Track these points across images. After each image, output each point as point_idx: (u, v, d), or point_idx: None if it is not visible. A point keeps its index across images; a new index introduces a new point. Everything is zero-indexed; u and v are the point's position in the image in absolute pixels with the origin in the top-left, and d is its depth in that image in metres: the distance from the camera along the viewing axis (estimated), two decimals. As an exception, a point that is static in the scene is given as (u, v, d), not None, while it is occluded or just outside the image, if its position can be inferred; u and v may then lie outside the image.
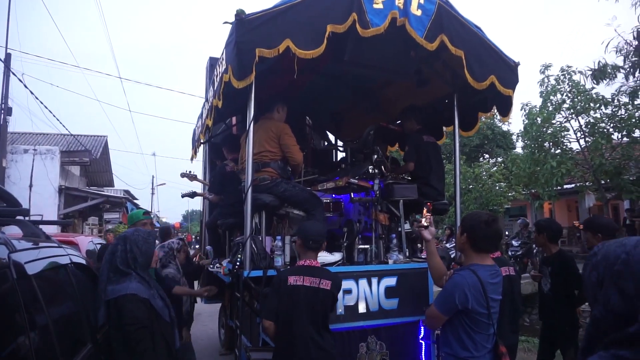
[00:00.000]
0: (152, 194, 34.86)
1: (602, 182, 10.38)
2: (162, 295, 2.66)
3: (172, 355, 2.56)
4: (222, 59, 3.52)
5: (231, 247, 4.21)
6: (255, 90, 3.48)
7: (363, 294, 3.61)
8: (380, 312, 3.64)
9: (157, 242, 4.31)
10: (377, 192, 3.85)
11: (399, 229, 4.16)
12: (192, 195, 5.49)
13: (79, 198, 13.84)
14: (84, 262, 2.76)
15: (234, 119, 6.01)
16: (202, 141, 5.70)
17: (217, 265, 4.71)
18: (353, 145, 4.77)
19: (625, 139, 10.03)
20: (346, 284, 3.40)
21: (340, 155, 6.44)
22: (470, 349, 2.36)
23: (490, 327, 2.40)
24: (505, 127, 20.58)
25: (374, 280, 3.67)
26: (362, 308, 3.59)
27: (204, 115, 4.57)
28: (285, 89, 4.62)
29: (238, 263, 3.42)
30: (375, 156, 3.98)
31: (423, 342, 3.89)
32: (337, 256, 3.72)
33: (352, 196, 3.87)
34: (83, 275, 2.59)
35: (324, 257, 3.62)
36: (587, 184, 11.08)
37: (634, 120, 9.47)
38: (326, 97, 5.79)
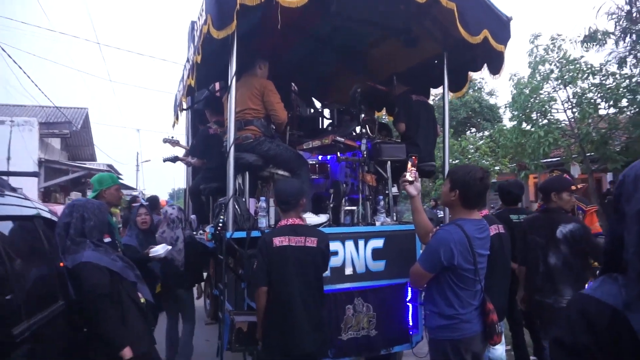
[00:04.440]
0: (137, 170, 34.32)
1: (588, 153, 10.42)
2: (122, 256, 2.62)
3: (144, 313, 2.49)
4: (202, 10, 3.32)
5: (214, 209, 4.08)
6: (238, 50, 3.32)
7: (350, 255, 3.54)
8: (367, 274, 3.59)
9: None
10: (365, 153, 3.74)
11: (387, 191, 4.08)
12: (174, 159, 5.32)
13: (59, 171, 13.50)
14: (54, 219, 2.62)
15: (217, 85, 5.81)
16: (184, 107, 5.51)
17: (201, 232, 4.60)
18: (340, 106, 4.61)
19: (612, 109, 10.03)
20: (333, 245, 3.31)
21: (327, 122, 6.30)
22: (456, 305, 2.29)
23: (476, 283, 2.33)
24: (492, 101, 20.54)
25: (361, 242, 3.59)
26: (348, 270, 3.52)
27: (185, 77, 4.37)
28: (270, 53, 4.42)
29: (220, 224, 3.31)
30: (363, 115, 3.85)
31: (410, 305, 3.86)
32: (323, 218, 3.63)
33: (339, 156, 3.75)
34: (52, 232, 2.46)
35: (310, 218, 3.53)
36: (572, 156, 11.12)
37: (621, 90, 9.44)
38: (312, 62, 5.60)
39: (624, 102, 9.67)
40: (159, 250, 3.63)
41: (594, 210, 3.93)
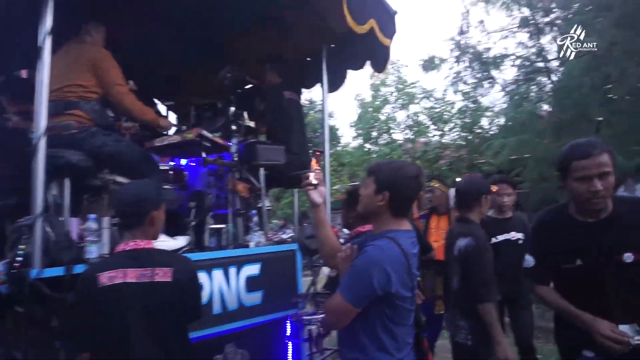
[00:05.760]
0: None
1: (420, 171, 11.40)
2: None
3: None
4: None
5: (10, 236, 2.78)
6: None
7: (218, 288, 2.71)
8: (240, 311, 2.80)
9: None
10: (236, 155, 2.96)
11: (259, 205, 3.36)
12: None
13: None
14: None
15: (24, 73, 4.35)
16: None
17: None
18: (200, 101, 3.74)
19: (438, 132, 11.19)
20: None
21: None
22: (390, 349, 1.68)
23: (411, 314, 1.78)
24: (331, 122, 21.56)
25: (232, 270, 2.80)
26: (217, 307, 2.68)
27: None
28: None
29: (20, 258, 2.14)
30: (233, 108, 3.08)
31: (290, 342, 3.18)
32: (181, 241, 2.73)
33: (205, 157, 2.89)
34: None
35: (164, 242, 2.58)
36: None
37: (445, 115, 10.61)
38: (158, 55, 4.57)
39: (447, 127, 10.88)
40: None
41: None
